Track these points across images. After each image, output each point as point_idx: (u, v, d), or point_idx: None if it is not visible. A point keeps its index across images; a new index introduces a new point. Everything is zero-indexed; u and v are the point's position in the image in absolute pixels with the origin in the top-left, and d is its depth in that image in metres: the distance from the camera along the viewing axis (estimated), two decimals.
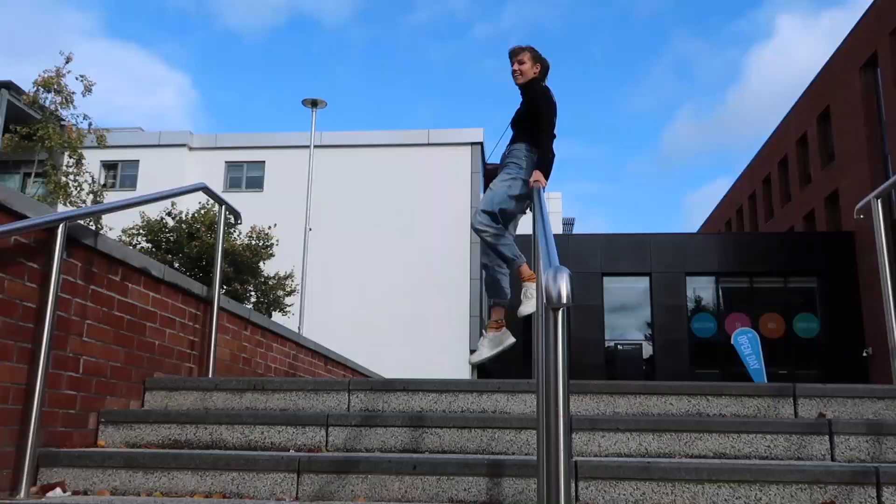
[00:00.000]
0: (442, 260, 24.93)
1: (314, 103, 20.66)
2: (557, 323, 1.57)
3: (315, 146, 21.65)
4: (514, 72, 4.33)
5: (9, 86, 19.25)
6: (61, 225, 2.89)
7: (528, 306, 4.01)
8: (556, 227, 41.92)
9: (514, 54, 4.33)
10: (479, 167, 26.22)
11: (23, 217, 2.78)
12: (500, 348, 4.27)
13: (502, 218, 4.13)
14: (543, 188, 3.85)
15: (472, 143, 26.51)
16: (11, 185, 19.24)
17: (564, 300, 1.52)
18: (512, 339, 4.28)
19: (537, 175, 3.94)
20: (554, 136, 4.22)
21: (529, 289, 4.03)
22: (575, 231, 49.71)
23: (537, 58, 4.34)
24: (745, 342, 17.65)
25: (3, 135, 16.15)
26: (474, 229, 4.14)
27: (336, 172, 26.02)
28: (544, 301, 1.54)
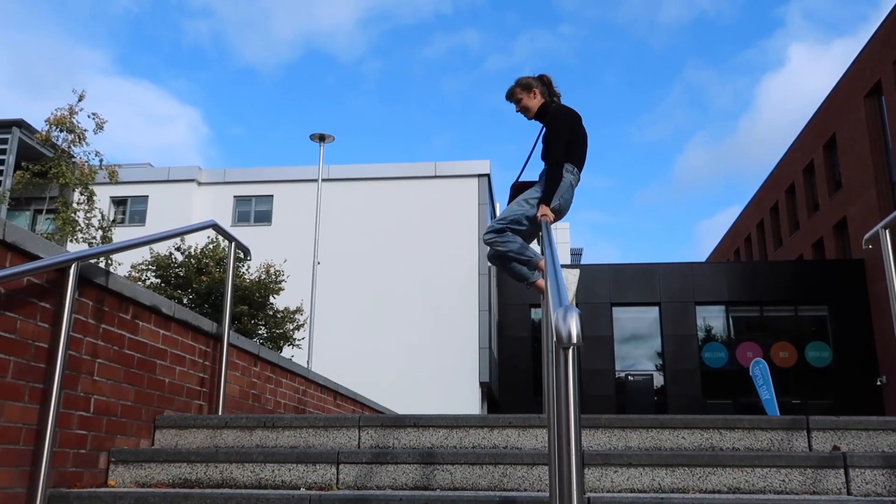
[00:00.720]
0: (451, 291, 24.91)
1: (322, 138, 20.84)
2: (568, 361, 1.57)
3: (323, 179, 21.79)
4: (519, 112, 4.31)
5: (20, 124, 19.50)
6: (73, 265, 2.92)
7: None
8: (565, 258, 41.90)
9: (509, 98, 4.32)
10: (486, 199, 26.32)
11: (36, 258, 2.81)
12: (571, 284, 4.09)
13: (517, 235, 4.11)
14: (549, 222, 3.72)
15: (480, 175, 26.63)
16: (22, 222, 19.42)
17: (574, 340, 1.52)
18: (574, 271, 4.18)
19: (543, 209, 3.87)
20: (579, 158, 4.11)
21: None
22: (584, 261, 49.66)
23: (528, 85, 4.25)
24: (758, 373, 17.52)
25: (14, 172, 16.31)
26: (484, 242, 4.13)
27: (344, 205, 26.15)
28: (554, 340, 1.55)
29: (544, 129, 4.18)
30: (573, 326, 1.53)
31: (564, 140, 4.06)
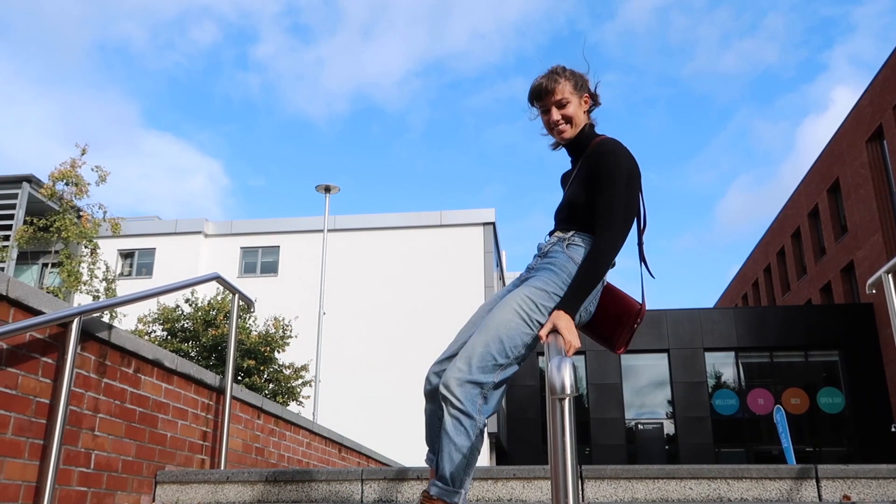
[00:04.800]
0: None
1: (327, 189, 21.04)
2: (564, 412, 1.57)
3: (329, 230, 21.91)
4: (552, 123, 2.58)
5: (30, 179, 19.76)
6: (76, 319, 2.94)
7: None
8: None
9: (545, 93, 2.56)
10: (491, 247, 26.40)
11: (39, 313, 2.83)
12: None
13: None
14: (568, 350, 2.11)
15: (485, 224, 26.77)
16: (29, 276, 19.51)
17: (568, 391, 1.53)
18: None
19: (561, 320, 2.18)
20: (638, 240, 2.60)
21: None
22: None
23: (582, 83, 2.60)
24: (780, 420, 17.26)
25: (19, 227, 16.47)
26: (442, 393, 2.24)
27: (350, 255, 26.25)
28: (549, 391, 1.55)
29: (584, 170, 2.51)
30: (566, 378, 1.53)
31: (623, 202, 2.41)
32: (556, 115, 2.56)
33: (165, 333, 16.04)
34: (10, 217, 19.10)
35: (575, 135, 2.59)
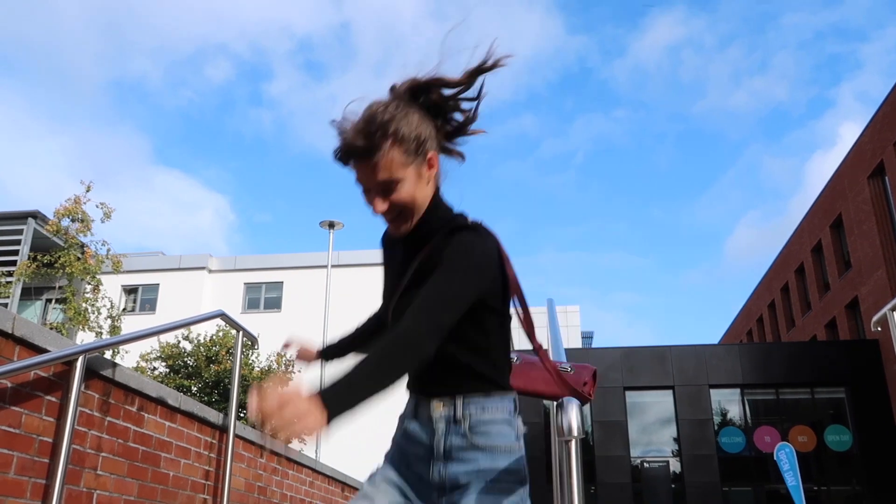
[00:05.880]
0: None
1: (331, 225, 21.13)
2: (571, 454, 1.56)
3: (333, 265, 21.95)
4: (372, 203, 1.59)
5: (35, 215, 19.90)
6: (81, 357, 2.94)
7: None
8: (575, 341, 41.58)
9: (354, 152, 1.54)
10: None
11: (44, 351, 2.83)
12: None
13: None
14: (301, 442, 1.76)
15: None
16: (33, 312, 19.52)
17: (575, 433, 1.52)
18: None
19: (310, 407, 1.36)
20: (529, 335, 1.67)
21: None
22: (595, 344, 49.26)
23: (420, 138, 1.56)
24: (784, 458, 17.03)
25: (22, 262, 16.54)
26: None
27: (353, 291, 26.24)
28: (556, 433, 1.55)
29: (423, 258, 1.62)
30: (573, 419, 1.53)
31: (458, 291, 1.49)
32: (379, 204, 1.55)
33: (167, 370, 16.00)
34: (15, 253, 19.18)
35: (413, 226, 1.61)
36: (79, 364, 2.91)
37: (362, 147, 1.49)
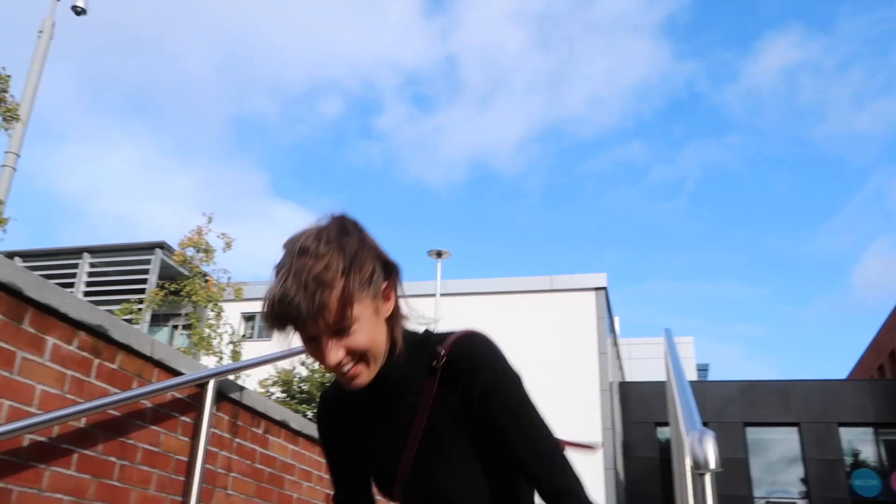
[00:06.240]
0: (571, 409, 24.21)
1: (439, 254, 21.38)
2: (706, 488, 1.50)
3: (441, 294, 22.16)
4: (333, 368, 1.26)
5: (162, 245, 21.13)
6: (212, 380, 3.08)
7: None
8: (691, 374, 40.12)
9: (302, 320, 1.20)
10: (604, 312, 25.87)
11: (178, 373, 3.00)
12: None
13: None
14: None
15: (597, 289, 26.32)
16: (161, 337, 20.68)
17: (713, 465, 1.46)
18: None
19: None
20: None
21: None
22: (710, 377, 47.30)
23: (372, 265, 1.28)
24: None
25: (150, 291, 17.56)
26: None
27: (461, 320, 26.33)
28: (690, 465, 1.49)
29: (448, 408, 1.31)
30: (710, 450, 1.47)
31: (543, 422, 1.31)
32: (333, 353, 1.24)
33: (284, 395, 16.51)
34: (144, 281, 20.41)
35: (374, 374, 1.31)
36: (210, 386, 3.06)
37: (308, 302, 1.18)
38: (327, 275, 1.18)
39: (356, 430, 1.42)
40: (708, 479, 1.50)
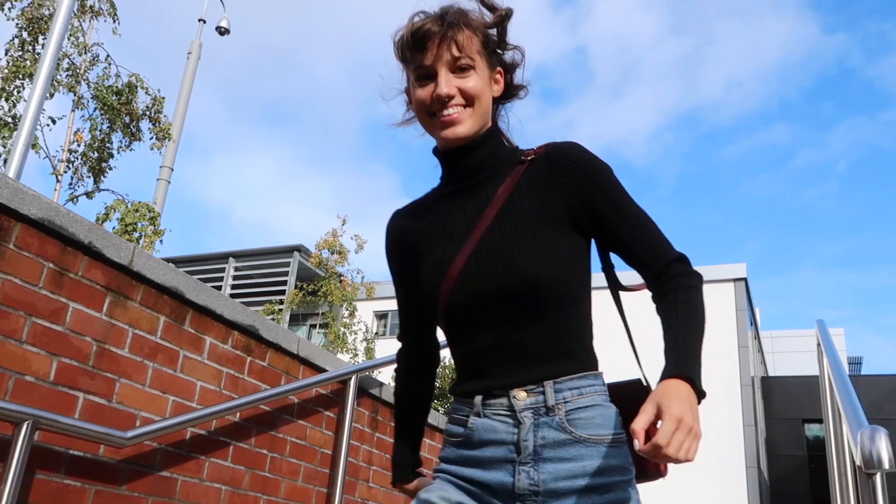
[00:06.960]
0: (709, 405, 23.27)
1: None
2: (876, 489, 1.39)
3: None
4: (437, 98, 1.28)
5: (300, 248, 22.09)
6: (354, 376, 3.19)
7: None
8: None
9: (432, 38, 1.28)
10: (744, 304, 24.70)
11: (322, 370, 3.11)
12: None
13: None
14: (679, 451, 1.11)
15: (736, 280, 25.16)
16: (300, 335, 21.64)
17: (887, 464, 1.35)
18: None
19: (677, 399, 1.24)
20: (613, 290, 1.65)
21: None
22: (863, 371, 44.17)
23: (494, 46, 1.36)
24: None
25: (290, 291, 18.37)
26: None
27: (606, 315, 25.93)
28: (858, 464, 1.39)
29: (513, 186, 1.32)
30: (883, 448, 1.36)
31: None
32: (448, 85, 1.27)
33: None
34: (284, 283, 21.43)
35: (472, 133, 1.31)
36: (352, 383, 3.16)
37: (443, 25, 1.26)
38: (467, 17, 1.29)
39: (423, 237, 1.39)
40: (878, 479, 1.39)
